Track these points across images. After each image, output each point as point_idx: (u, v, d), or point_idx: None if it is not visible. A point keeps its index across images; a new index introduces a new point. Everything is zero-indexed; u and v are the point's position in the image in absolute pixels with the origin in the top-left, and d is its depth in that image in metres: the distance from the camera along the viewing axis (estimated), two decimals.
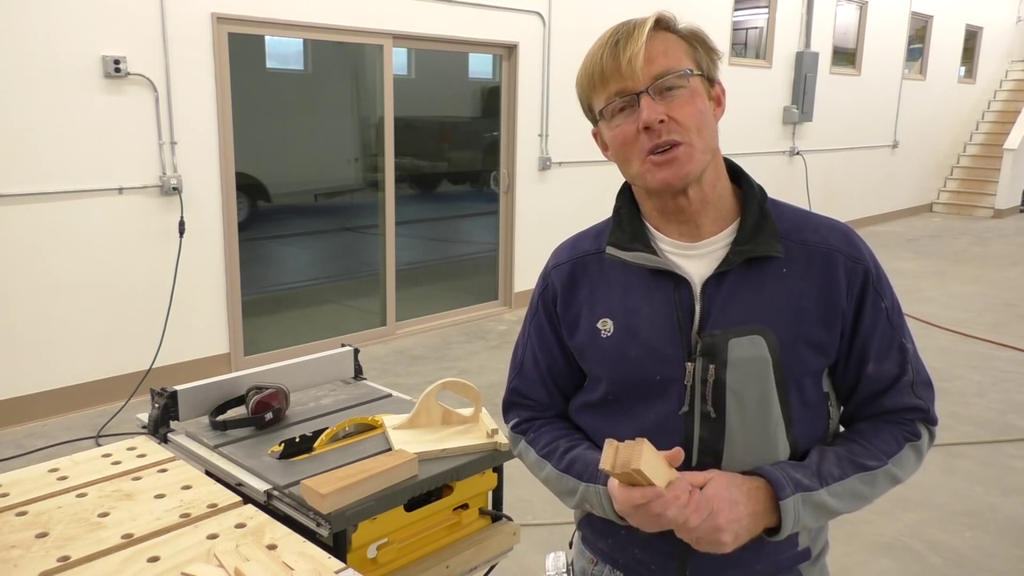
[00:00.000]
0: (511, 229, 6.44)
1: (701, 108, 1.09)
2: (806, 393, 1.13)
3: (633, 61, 1.06)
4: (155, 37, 4.28)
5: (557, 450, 1.22)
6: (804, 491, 1.08)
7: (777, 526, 1.08)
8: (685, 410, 1.13)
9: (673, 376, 1.13)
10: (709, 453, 1.13)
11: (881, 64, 10.65)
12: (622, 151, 1.12)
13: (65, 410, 4.28)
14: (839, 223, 1.18)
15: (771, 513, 1.07)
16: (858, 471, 1.11)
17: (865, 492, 1.12)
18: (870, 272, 1.14)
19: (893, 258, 8.94)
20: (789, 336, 1.10)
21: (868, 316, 1.13)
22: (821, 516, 1.11)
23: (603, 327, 1.18)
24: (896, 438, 1.14)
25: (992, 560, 3.04)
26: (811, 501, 1.08)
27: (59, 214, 4.11)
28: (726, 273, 1.12)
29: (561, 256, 1.27)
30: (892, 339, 1.14)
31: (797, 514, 1.07)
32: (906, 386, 1.15)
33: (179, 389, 1.87)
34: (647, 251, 1.16)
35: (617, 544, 1.24)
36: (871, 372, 1.14)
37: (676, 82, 1.07)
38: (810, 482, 1.09)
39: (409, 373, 5.02)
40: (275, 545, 1.23)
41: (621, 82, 1.08)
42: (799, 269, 1.12)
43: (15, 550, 1.21)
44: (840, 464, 1.11)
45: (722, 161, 1.18)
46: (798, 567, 1.20)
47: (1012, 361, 5.43)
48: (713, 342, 1.11)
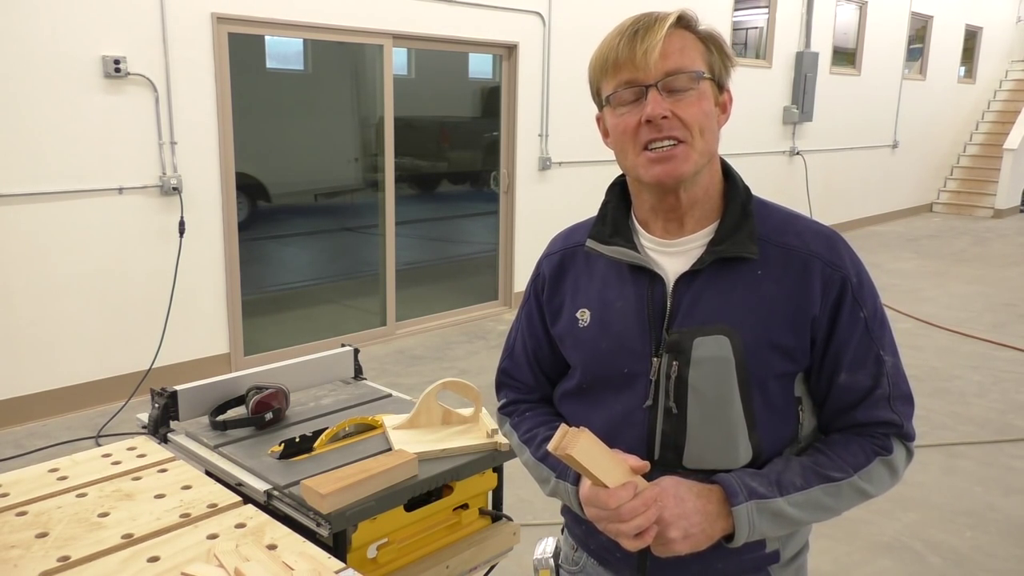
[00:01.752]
0: (511, 229, 6.44)
1: (706, 111, 1.09)
2: (770, 396, 1.13)
3: (649, 54, 1.06)
4: (155, 37, 4.28)
5: (536, 438, 1.27)
6: (759, 499, 1.07)
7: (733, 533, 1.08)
8: (649, 404, 1.14)
9: (640, 370, 1.15)
10: (671, 448, 1.14)
11: (881, 64, 10.65)
12: (621, 140, 1.12)
13: (65, 410, 4.28)
14: (826, 228, 1.17)
15: (724, 518, 1.07)
16: (821, 482, 1.10)
17: (829, 503, 1.11)
18: (848, 280, 1.12)
19: (893, 258, 8.94)
20: (755, 338, 1.10)
21: (844, 325, 1.12)
22: (780, 525, 1.10)
23: (581, 317, 1.21)
24: (865, 451, 1.13)
25: (992, 560, 3.04)
26: (768, 509, 1.08)
27: (59, 214, 4.11)
28: (698, 272, 1.13)
29: (554, 246, 1.31)
30: (868, 350, 1.13)
31: (752, 522, 1.07)
32: (881, 399, 1.13)
33: (179, 389, 1.87)
34: (627, 246, 1.17)
35: (589, 531, 1.27)
36: (843, 382, 1.13)
37: (686, 82, 1.08)
38: (766, 490, 1.08)
39: (409, 373, 5.02)
40: (275, 545, 1.23)
41: (633, 72, 1.08)
42: (774, 272, 1.12)
43: (15, 550, 1.21)
44: (804, 474, 1.11)
45: (719, 166, 1.18)
46: (767, 568, 1.20)
47: (1012, 361, 5.43)
48: (679, 339, 1.12)
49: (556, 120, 6.46)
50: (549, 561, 1.40)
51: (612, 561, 1.26)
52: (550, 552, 1.41)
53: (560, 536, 1.43)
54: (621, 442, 1.17)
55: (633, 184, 1.20)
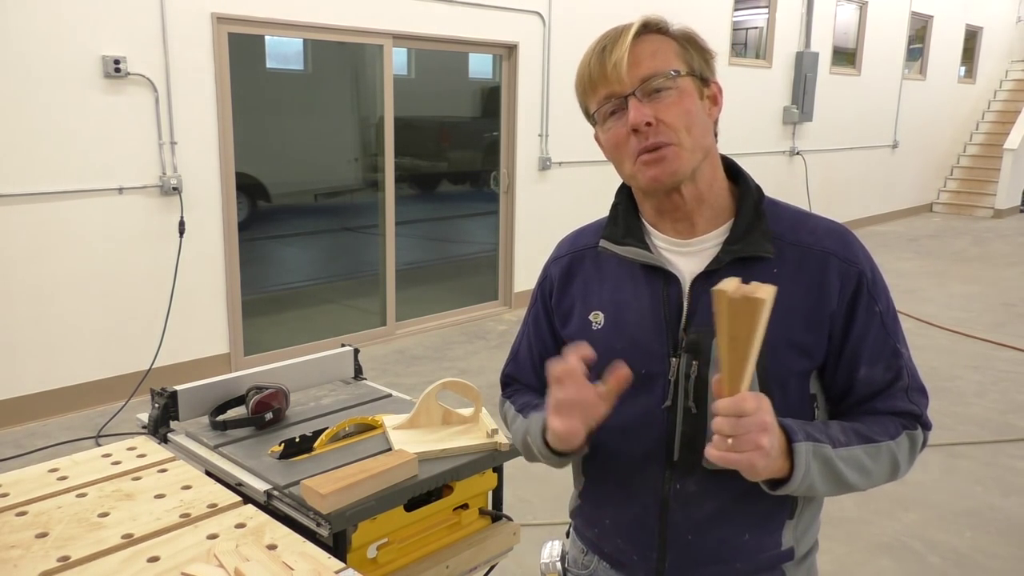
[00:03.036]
0: (511, 229, 6.44)
1: (689, 108, 1.10)
2: (789, 394, 1.13)
3: (618, 65, 1.08)
4: (155, 37, 4.28)
5: (528, 405, 1.30)
6: (816, 442, 1.06)
7: (787, 476, 1.04)
8: (668, 404, 1.15)
9: (658, 371, 1.15)
10: (690, 448, 1.14)
11: (881, 64, 10.65)
12: (615, 152, 1.14)
13: (65, 410, 4.28)
14: (837, 225, 1.18)
15: (784, 456, 1.04)
16: (863, 442, 1.11)
17: (868, 464, 1.11)
18: (864, 275, 1.13)
19: (893, 258, 8.94)
20: (774, 337, 1.09)
21: (861, 319, 1.13)
22: (828, 476, 1.07)
23: (595, 319, 1.21)
24: (895, 424, 1.14)
25: (992, 560, 3.04)
26: (821, 454, 1.06)
27: (59, 214, 4.11)
28: (715, 272, 1.13)
29: (561, 250, 1.32)
30: (885, 343, 1.14)
31: (808, 463, 1.04)
32: (900, 391, 1.15)
33: (179, 389, 1.87)
34: (640, 246, 1.18)
35: (603, 534, 1.27)
36: (863, 376, 1.14)
37: (663, 83, 1.09)
38: (821, 436, 1.07)
39: (409, 373, 5.02)
40: (275, 545, 1.23)
41: (608, 86, 1.10)
42: (789, 271, 1.13)
43: (15, 550, 1.21)
44: (846, 433, 1.11)
45: (718, 159, 1.18)
46: (781, 566, 1.20)
47: (1012, 361, 5.43)
48: (697, 339, 1.12)
49: (556, 120, 6.46)
50: (556, 565, 1.39)
51: (627, 564, 1.24)
52: (557, 556, 1.40)
53: (565, 539, 1.42)
54: (639, 443, 1.17)
55: (637, 192, 1.21)
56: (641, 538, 1.20)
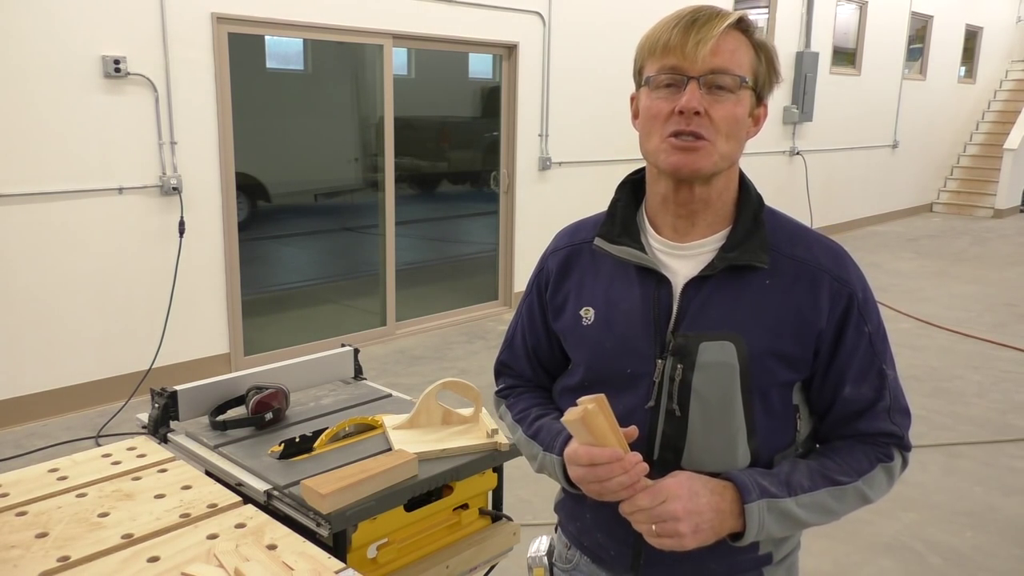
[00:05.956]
0: (511, 229, 6.44)
1: (738, 117, 1.09)
2: (771, 403, 1.14)
3: (700, 45, 1.05)
4: (155, 37, 4.28)
5: (528, 416, 1.29)
6: (770, 498, 1.08)
7: (741, 531, 1.08)
8: (651, 405, 1.15)
9: (643, 371, 1.16)
10: (670, 449, 1.15)
11: (881, 64, 10.65)
12: (649, 124, 1.12)
13: (65, 410, 4.28)
14: (834, 244, 1.19)
15: (735, 516, 1.08)
16: (828, 485, 1.12)
17: (833, 506, 1.13)
18: (855, 296, 1.14)
19: (893, 258, 8.94)
20: (760, 347, 1.11)
21: (849, 339, 1.14)
22: (787, 526, 1.11)
23: (585, 315, 1.22)
24: (868, 458, 1.15)
25: (992, 560, 3.04)
26: (777, 508, 1.08)
27: (59, 214, 4.11)
28: (708, 277, 1.14)
29: (560, 242, 1.32)
30: (872, 364, 1.15)
31: (762, 520, 1.08)
32: (882, 411, 1.16)
33: (179, 389, 1.87)
34: (634, 246, 1.18)
35: (583, 528, 1.29)
36: (848, 394, 1.15)
37: (728, 84, 1.08)
38: (777, 490, 1.09)
39: (409, 373, 5.02)
40: (275, 545, 1.23)
41: (680, 60, 1.07)
42: (783, 283, 1.13)
43: (15, 550, 1.21)
44: (811, 476, 1.12)
45: (737, 173, 1.19)
46: (760, 569, 1.21)
47: (1012, 361, 5.43)
48: (684, 343, 1.13)
49: (556, 120, 6.46)
50: (543, 559, 1.41)
51: (606, 559, 1.26)
52: (544, 551, 1.42)
53: (554, 535, 1.44)
54: None
55: (650, 172, 1.20)
56: (618, 534, 1.20)
